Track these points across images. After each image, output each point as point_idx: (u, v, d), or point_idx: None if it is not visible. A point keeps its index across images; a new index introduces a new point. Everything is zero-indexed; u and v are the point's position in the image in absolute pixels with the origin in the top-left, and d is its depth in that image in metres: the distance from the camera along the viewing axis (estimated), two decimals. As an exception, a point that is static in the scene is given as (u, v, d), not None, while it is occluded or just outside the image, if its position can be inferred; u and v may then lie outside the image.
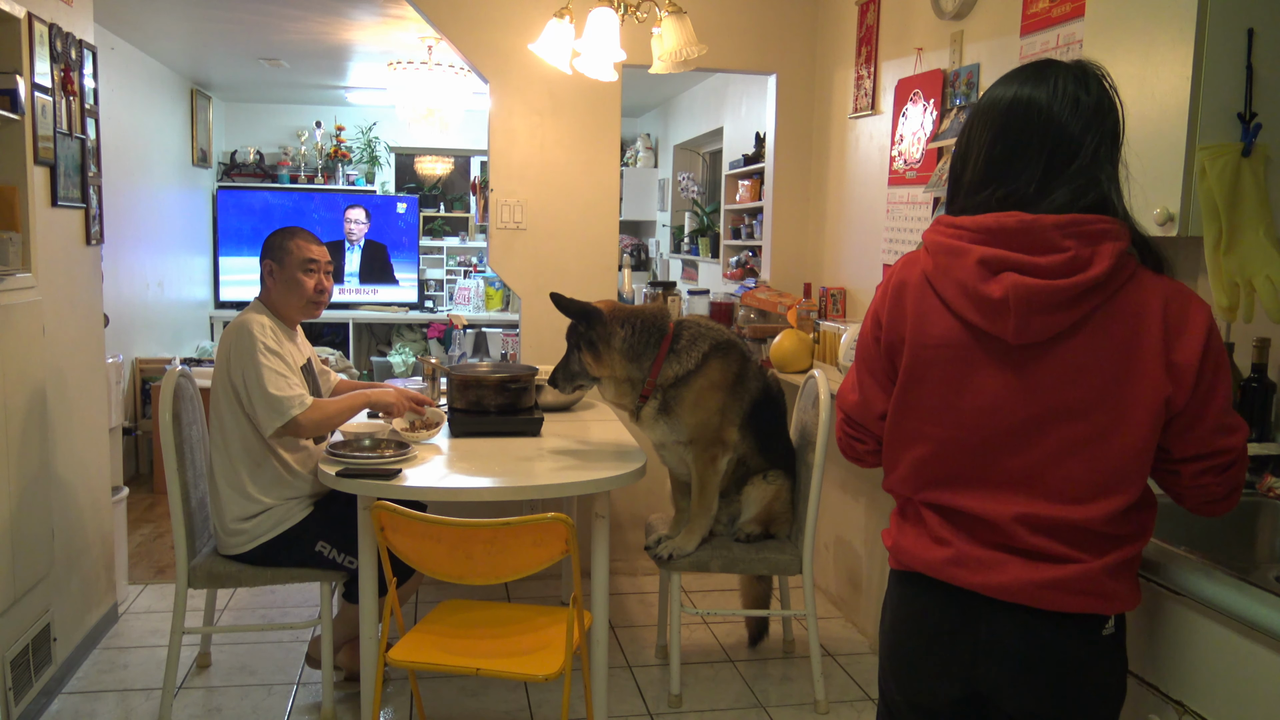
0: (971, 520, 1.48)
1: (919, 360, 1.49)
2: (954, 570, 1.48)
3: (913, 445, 1.53)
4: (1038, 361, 1.41)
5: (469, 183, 9.02)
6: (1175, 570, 1.53)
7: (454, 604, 2.69)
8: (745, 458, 3.02)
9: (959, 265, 1.43)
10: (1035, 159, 1.42)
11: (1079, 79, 1.44)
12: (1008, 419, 1.43)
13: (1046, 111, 1.42)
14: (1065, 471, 1.41)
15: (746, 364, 2.98)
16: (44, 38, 2.98)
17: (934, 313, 1.48)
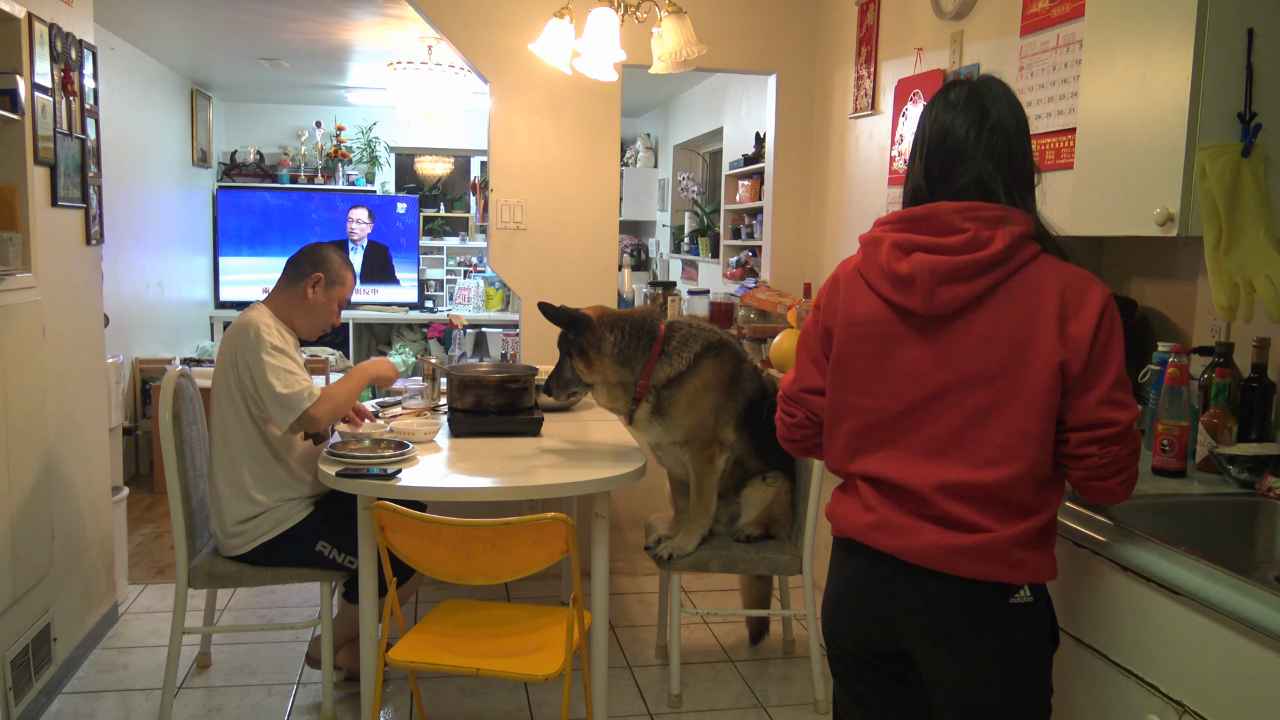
0: (897, 489, 1.62)
1: (848, 337, 1.67)
2: (876, 535, 1.64)
3: (846, 417, 1.68)
4: (949, 332, 1.58)
5: (469, 183, 9.02)
6: (1175, 570, 1.53)
7: (454, 604, 2.69)
8: (743, 459, 3.02)
9: (879, 251, 1.63)
10: (926, 166, 1.64)
11: (971, 90, 1.62)
12: (926, 387, 1.59)
13: (931, 124, 1.64)
14: (975, 435, 1.56)
15: (740, 364, 2.98)
16: (44, 38, 2.98)
17: (861, 295, 1.66)
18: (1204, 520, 1.91)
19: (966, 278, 1.54)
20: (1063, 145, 2.51)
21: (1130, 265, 2.58)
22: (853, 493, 1.71)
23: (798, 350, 1.80)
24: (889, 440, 1.63)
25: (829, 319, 1.71)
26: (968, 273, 1.54)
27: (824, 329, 1.72)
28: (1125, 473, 1.58)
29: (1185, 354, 2.12)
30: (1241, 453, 1.98)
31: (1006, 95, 1.62)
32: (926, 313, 1.57)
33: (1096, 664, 1.71)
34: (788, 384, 1.81)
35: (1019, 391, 1.53)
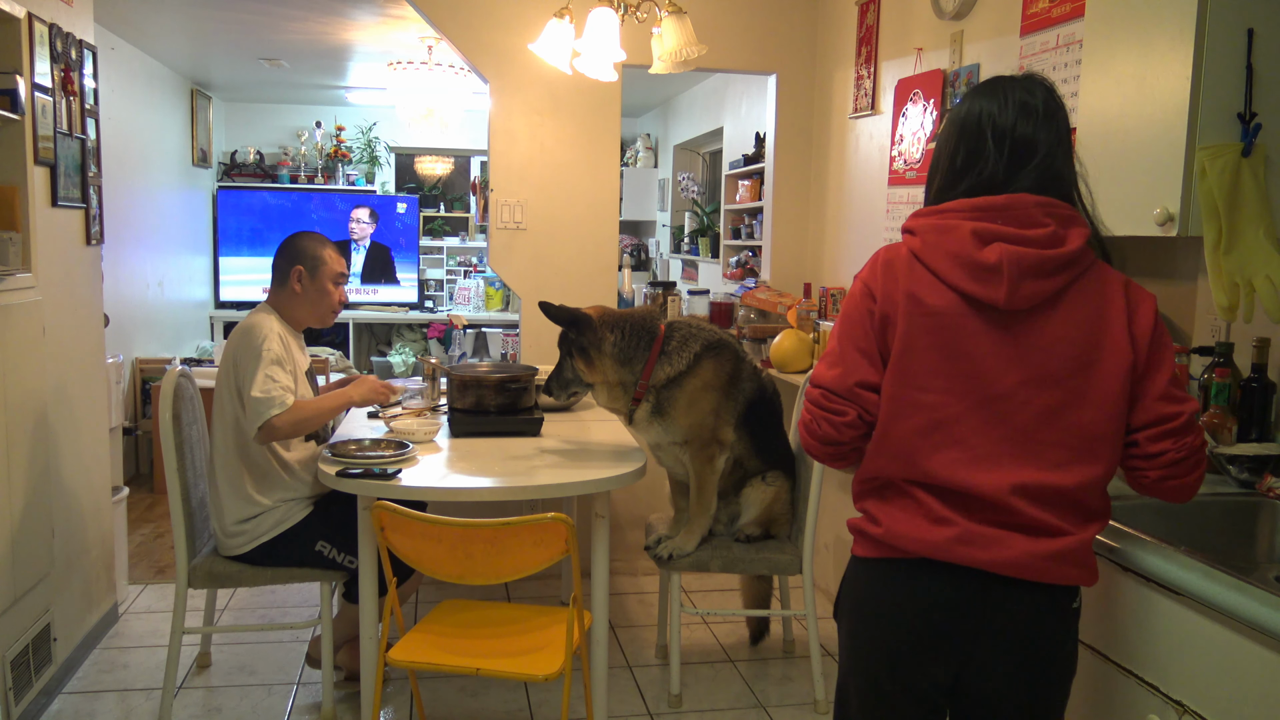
0: (966, 497, 1.52)
1: (915, 328, 1.55)
2: (962, 549, 1.52)
3: (906, 416, 1.56)
4: (1023, 329, 1.52)
5: (469, 183, 9.02)
6: (1175, 570, 1.53)
7: (454, 604, 2.69)
8: (742, 459, 3.02)
9: (951, 239, 1.53)
10: (996, 159, 1.56)
11: (1026, 88, 1.58)
12: (996, 384, 1.52)
13: (999, 118, 1.57)
14: (1044, 437, 1.52)
15: (740, 364, 2.98)
16: (44, 38, 2.98)
17: (926, 284, 1.55)
18: (1204, 520, 1.91)
19: (1048, 273, 1.50)
20: (1063, 145, 2.51)
21: (1130, 265, 2.58)
22: (909, 504, 1.57)
23: (840, 341, 1.62)
24: (951, 442, 1.53)
25: (888, 307, 1.57)
26: (1050, 268, 1.50)
27: (881, 318, 1.57)
28: (1201, 465, 1.56)
29: (1185, 354, 2.12)
30: (1241, 453, 1.98)
31: (1061, 99, 1.61)
32: (1008, 306, 1.51)
33: (1096, 664, 1.71)
34: (833, 380, 1.61)
35: (1089, 392, 1.51)
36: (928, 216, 1.58)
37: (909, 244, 1.59)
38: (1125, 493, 1.96)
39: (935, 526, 1.53)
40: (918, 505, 1.56)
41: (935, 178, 1.64)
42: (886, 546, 1.58)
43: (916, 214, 1.61)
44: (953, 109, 1.65)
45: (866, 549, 1.62)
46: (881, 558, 1.60)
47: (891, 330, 1.56)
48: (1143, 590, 1.60)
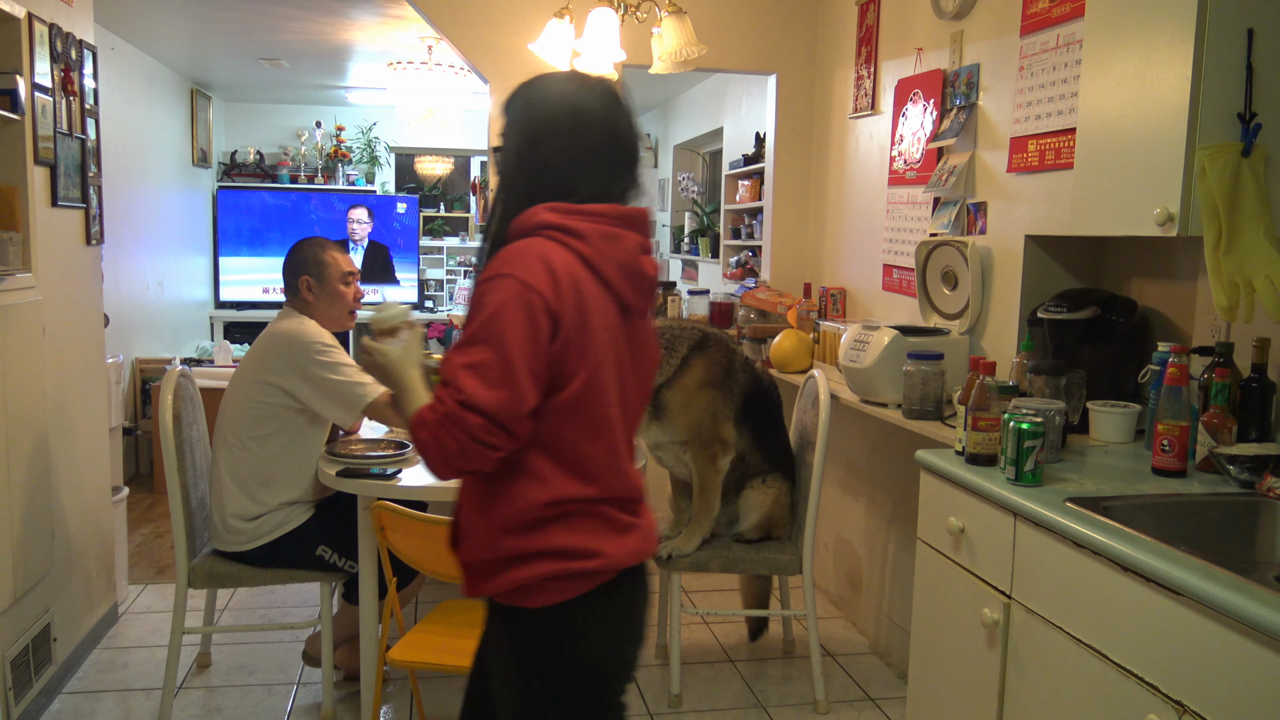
0: (632, 499, 1.61)
1: (600, 343, 1.50)
2: (645, 547, 1.63)
3: (603, 434, 1.54)
4: (637, 337, 1.61)
5: (469, 183, 9.02)
6: (1175, 570, 1.53)
7: (454, 604, 2.69)
8: (743, 454, 3.02)
9: (619, 248, 1.53)
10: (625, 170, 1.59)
11: (616, 93, 1.62)
12: (634, 390, 1.61)
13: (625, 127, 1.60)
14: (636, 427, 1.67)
15: (731, 356, 2.97)
16: (44, 38, 2.98)
17: (598, 296, 1.51)
18: (1204, 520, 1.91)
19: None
20: (1063, 145, 2.51)
21: (1130, 265, 2.58)
22: (602, 521, 1.54)
23: (514, 363, 1.41)
24: (623, 449, 1.60)
25: (572, 322, 1.46)
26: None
27: (563, 336, 1.45)
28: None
29: (1185, 354, 2.12)
30: (1241, 453, 1.98)
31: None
32: (642, 318, 1.61)
33: (1096, 664, 1.71)
34: (500, 403, 1.40)
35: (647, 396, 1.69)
36: (584, 219, 1.50)
37: (579, 249, 1.49)
38: (1125, 492, 1.96)
39: (624, 536, 1.57)
40: (607, 520, 1.55)
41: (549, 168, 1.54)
42: (609, 568, 1.54)
43: (562, 210, 1.51)
44: (562, 99, 1.56)
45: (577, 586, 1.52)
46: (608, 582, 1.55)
47: (574, 347, 1.46)
48: (1143, 590, 1.60)
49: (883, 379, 2.85)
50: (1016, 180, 2.76)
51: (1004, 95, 2.82)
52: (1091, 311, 2.44)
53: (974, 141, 2.98)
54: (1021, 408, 2.08)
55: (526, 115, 1.57)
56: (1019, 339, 2.66)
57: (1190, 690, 1.50)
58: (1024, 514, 1.91)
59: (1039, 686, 1.90)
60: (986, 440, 2.12)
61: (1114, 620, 1.67)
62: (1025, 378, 2.40)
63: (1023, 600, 1.94)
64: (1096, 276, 2.68)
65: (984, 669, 2.06)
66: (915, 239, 3.24)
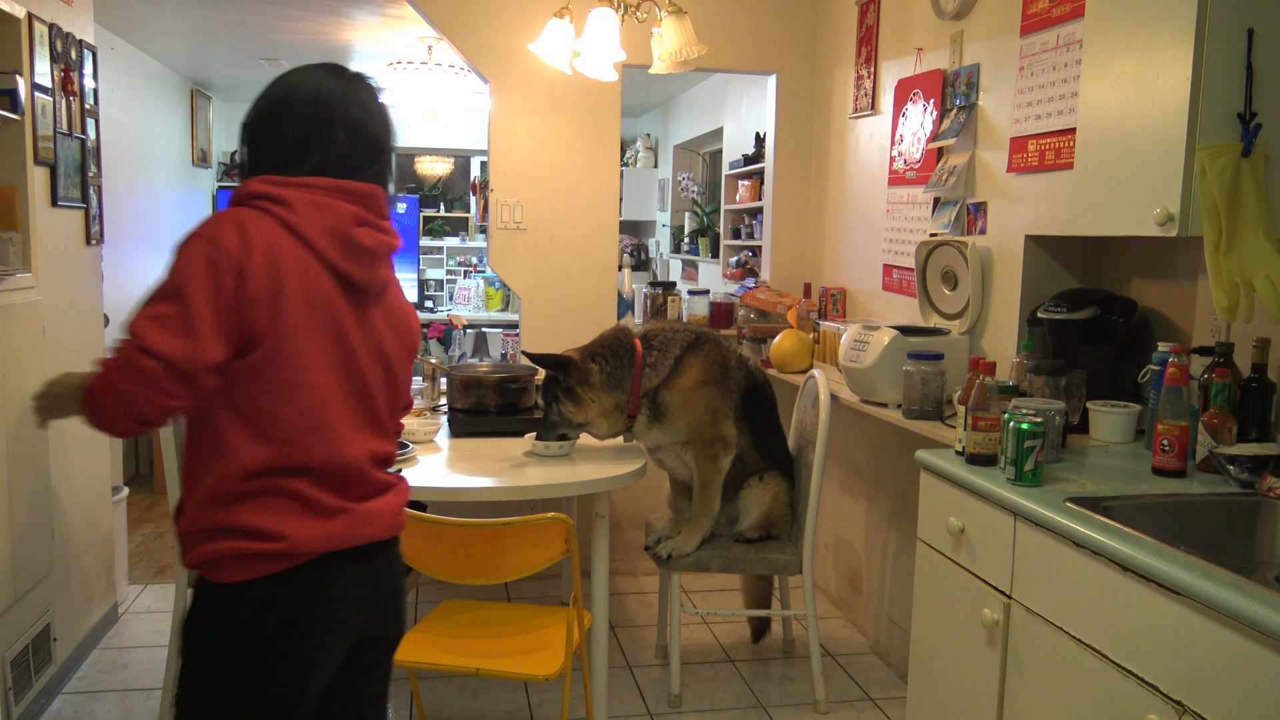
0: (345, 476, 1.57)
1: (293, 306, 1.49)
2: (357, 532, 1.58)
3: (298, 397, 1.51)
4: (374, 312, 1.64)
5: (469, 183, 9.02)
6: (1175, 570, 1.53)
7: (454, 604, 2.69)
8: (742, 453, 3.02)
9: (329, 215, 1.55)
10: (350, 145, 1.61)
11: (370, 87, 1.68)
12: (359, 362, 1.60)
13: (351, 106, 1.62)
14: (382, 409, 1.65)
15: (725, 355, 2.98)
16: (44, 38, 2.98)
17: (300, 260, 1.51)
18: (1204, 520, 1.91)
19: (389, 261, 1.68)
20: (1063, 145, 2.51)
21: (1130, 265, 2.59)
22: (292, 502, 1.51)
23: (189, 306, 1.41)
24: (331, 420, 1.55)
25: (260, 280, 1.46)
26: (390, 259, 1.68)
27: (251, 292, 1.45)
28: None
29: (1185, 354, 2.12)
30: (1241, 453, 1.98)
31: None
32: (370, 290, 1.62)
33: (1096, 664, 1.71)
34: (182, 353, 1.40)
35: (402, 373, 1.70)
36: (294, 189, 1.53)
37: (281, 215, 1.50)
38: (1125, 492, 1.96)
39: (327, 520, 1.54)
40: (302, 500, 1.51)
41: (274, 144, 1.58)
42: (292, 554, 1.51)
43: (273, 181, 1.53)
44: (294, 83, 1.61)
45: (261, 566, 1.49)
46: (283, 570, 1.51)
47: (263, 307, 1.46)
48: (1143, 590, 1.60)
49: (883, 379, 2.85)
50: (1016, 180, 2.76)
51: (1004, 95, 2.82)
52: (1091, 311, 2.44)
53: (974, 141, 2.98)
54: (1021, 408, 2.08)
55: (262, 97, 1.63)
56: (1019, 339, 2.66)
57: (1190, 690, 1.50)
58: (1024, 514, 1.91)
59: (1039, 686, 1.90)
60: (986, 440, 2.13)
61: (1114, 620, 1.67)
62: (1025, 378, 2.40)
63: (1023, 600, 1.94)
64: (1096, 276, 2.68)
65: (984, 669, 2.06)
66: (915, 239, 3.24)
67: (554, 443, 2.87)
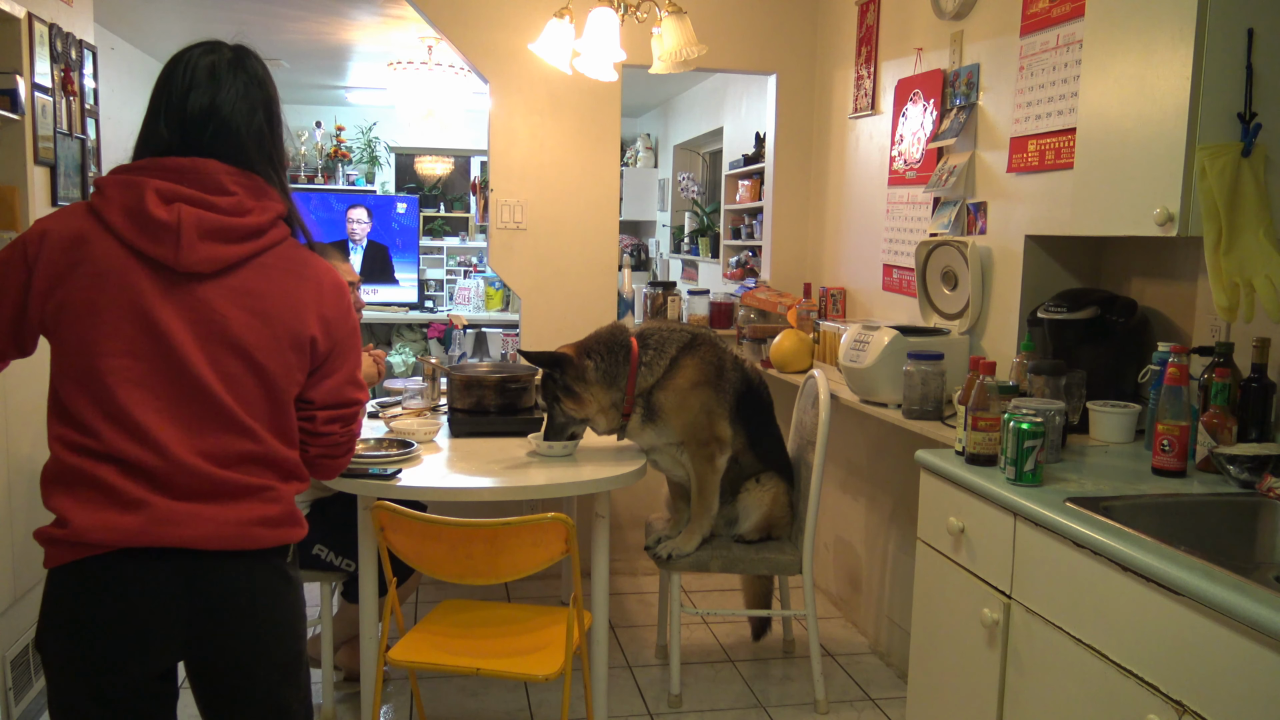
0: (155, 470, 1.46)
1: (83, 291, 1.46)
2: (150, 530, 1.45)
3: (90, 385, 1.46)
4: (205, 293, 1.50)
5: (469, 183, 9.02)
6: (1175, 570, 1.53)
7: (454, 604, 2.69)
8: (738, 454, 3.02)
9: (130, 195, 1.48)
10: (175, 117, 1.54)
11: (236, 58, 1.60)
12: (178, 347, 1.48)
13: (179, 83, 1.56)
14: (230, 401, 1.51)
15: (722, 356, 2.97)
16: (44, 38, 2.98)
17: (100, 243, 1.48)
18: (1204, 520, 1.91)
19: (233, 240, 1.51)
20: (1063, 145, 2.51)
21: (1130, 265, 2.59)
22: (92, 488, 1.45)
23: None
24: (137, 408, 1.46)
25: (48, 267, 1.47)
26: (235, 235, 1.51)
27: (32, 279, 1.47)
28: (350, 453, 1.72)
29: (1185, 354, 2.12)
30: (1241, 453, 1.98)
31: (268, 74, 1.64)
32: (183, 269, 1.48)
33: (1096, 664, 1.71)
34: None
35: (268, 361, 1.53)
36: (116, 174, 1.53)
37: (92, 201, 1.51)
38: (1125, 492, 1.96)
39: (126, 513, 1.44)
40: (102, 488, 1.45)
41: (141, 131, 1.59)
42: (74, 547, 1.45)
43: (114, 170, 1.55)
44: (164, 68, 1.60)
45: (57, 555, 1.46)
46: (74, 560, 1.45)
47: (54, 296, 1.47)
48: (1143, 590, 1.60)
49: (883, 379, 2.85)
50: (1016, 180, 2.76)
51: (1004, 95, 2.82)
52: (1091, 311, 2.44)
53: (974, 141, 2.98)
54: (1021, 408, 2.08)
55: None
56: (1019, 339, 2.66)
57: (1190, 690, 1.50)
58: (1024, 514, 1.91)
59: (1039, 686, 1.90)
60: (986, 440, 2.13)
61: (1114, 620, 1.67)
62: (1025, 378, 2.40)
63: (1023, 600, 1.94)
64: (1096, 276, 2.68)
65: (984, 669, 2.06)
66: (915, 239, 3.24)
67: (558, 442, 2.87)
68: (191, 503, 1.47)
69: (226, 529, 1.49)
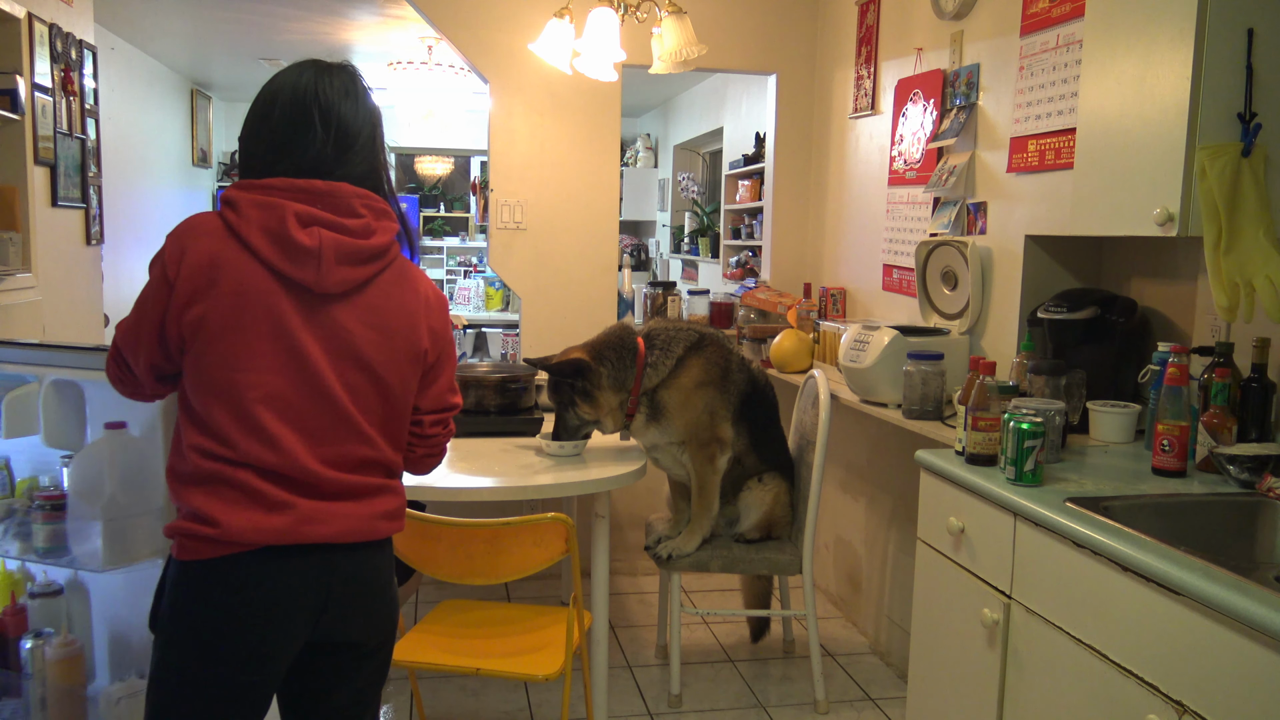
0: (291, 475, 1.55)
1: (224, 308, 1.53)
2: (298, 529, 1.55)
3: (226, 398, 1.53)
4: (338, 312, 1.59)
5: (469, 183, 9.03)
6: (1175, 570, 1.53)
7: (454, 604, 2.69)
8: (740, 455, 3.02)
9: (271, 216, 1.54)
10: (320, 137, 1.60)
11: (349, 76, 1.66)
12: (313, 363, 1.56)
13: (325, 98, 1.61)
14: (356, 412, 1.60)
15: (728, 356, 2.98)
16: (44, 38, 2.98)
17: (237, 262, 1.54)
18: (1204, 520, 1.91)
19: (362, 262, 1.59)
20: (1063, 145, 2.51)
21: (1130, 265, 2.59)
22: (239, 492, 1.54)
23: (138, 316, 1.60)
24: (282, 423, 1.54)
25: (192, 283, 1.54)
26: (363, 257, 1.59)
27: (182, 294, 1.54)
28: (445, 451, 1.85)
29: (1185, 354, 2.12)
30: (1241, 453, 1.98)
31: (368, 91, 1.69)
32: (320, 290, 1.56)
33: (1096, 664, 1.71)
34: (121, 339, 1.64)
35: (390, 375, 1.63)
36: (249, 189, 1.58)
37: (227, 217, 1.57)
38: (1125, 492, 1.96)
39: (273, 514, 1.54)
40: (247, 491, 1.53)
41: (256, 148, 1.63)
42: (228, 543, 1.53)
43: (237, 185, 1.60)
44: (270, 85, 1.64)
45: (202, 549, 1.54)
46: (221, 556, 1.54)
47: (193, 310, 1.53)
48: (1143, 590, 1.60)
49: (883, 379, 2.85)
50: (1016, 180, 2.76)
51: (1004, 95, 2.82)
52: (1091, 311, 2.44)
53: (974, 141, 2.98)
54: (1021, 408, 2.08)
55: (253, 101, 1.66)
56: (1019, 339, 2.66)
57: (1190, 690, 1.50)
58: (1024, 514, 1.91)
59: (1039, 686, 1.90)
60: (986, 440, 2.13)
61: (1114, 620, 1.68)
62: (1025, 378, 2.40)
63: (1023, 600, 1.94)
64: (1096, 276, 2.68)
65: (984, 669, 2.06)
66: (915, 239, 3.24)
67: (570, 443, 2.87)
68: (328, 503, 1.58)
69: (360, 523, 1.61)
